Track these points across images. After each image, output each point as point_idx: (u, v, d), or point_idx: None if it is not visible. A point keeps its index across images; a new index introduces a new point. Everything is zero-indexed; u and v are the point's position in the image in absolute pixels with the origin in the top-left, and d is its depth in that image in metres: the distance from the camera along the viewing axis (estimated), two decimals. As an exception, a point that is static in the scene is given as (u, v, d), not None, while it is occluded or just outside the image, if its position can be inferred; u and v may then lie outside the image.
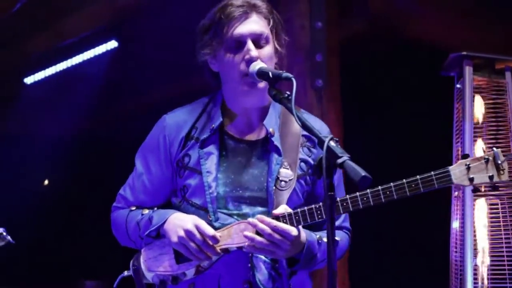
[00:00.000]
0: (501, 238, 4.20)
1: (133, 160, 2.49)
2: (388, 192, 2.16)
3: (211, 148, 2.34)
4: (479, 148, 4.22)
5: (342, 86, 5.00)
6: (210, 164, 2.32)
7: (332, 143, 1.95)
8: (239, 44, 2.28)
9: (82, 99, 6.91)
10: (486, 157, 2.15)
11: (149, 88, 6.84)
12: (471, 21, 5.37)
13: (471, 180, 2.15)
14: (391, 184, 2.17)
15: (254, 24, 2.29)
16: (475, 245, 4.20)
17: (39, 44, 6.67)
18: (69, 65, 6.79)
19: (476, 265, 4.18)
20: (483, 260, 4.23)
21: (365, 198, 2.18)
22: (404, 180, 2.16)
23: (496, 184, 2.18)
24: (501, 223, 4.24)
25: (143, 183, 2.43)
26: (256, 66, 2.25)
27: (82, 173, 7.58)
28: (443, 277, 4.41)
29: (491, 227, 4.27)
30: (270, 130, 2.35)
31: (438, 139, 4.80)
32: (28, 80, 7.23)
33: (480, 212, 4.30)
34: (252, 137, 2.38)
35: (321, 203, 2.21)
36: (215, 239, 2.25)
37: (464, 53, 4.37)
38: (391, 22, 5.30)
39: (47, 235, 7.49)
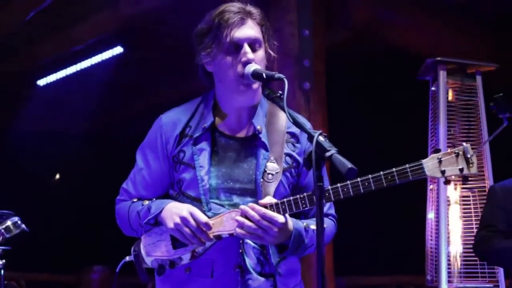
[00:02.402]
0: (472, 227, 4.23)
1: (135, 157, 2.50)
2: (366, 183, 2.14)
3: (203, 145, 2.35)
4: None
5: (328, 89, 5.01)
6: (203, 159, 2.33)
7: (321, 138, 1.95)
8: (236, 47, 2.27)
9: (90, 100, 6.91)
10: (457, 151, 2.12)
11: (152, 90, 6.84)
12: (446, 29, 5.39)
13: (442, 172, 2.13)
14: (369, 176, 2.15)
15: (250, 29, 2.29)
16: (448, 234, 4.23)
17: (50, 50, 6.67)
18: (78, 68, 6.78)
19: (449, 252, 4.21)
20: (456, 248, 4.27)
21: (345, 189, 2.17)
22: (381, 172, 2.14)
23: (466, 176, 2.15)
24: (473, 214, 4.28)
25: (143, 177, 2.43)
26: (251, 68, 2.25)
27: (91, 167, 7.57)
28: (419, 263, 4.43)
29: (464, 217, 4.30)
30: (258, 127, 2.36)
31: (415, 137, 4.81)
32: (41, 82, 7.22)
33: (453, 204, 4.33)
34: (241, 134, 2.39)
35: (305, 194, 2.22)
36: (208, 226, 2.26)
37: (439, 58, 4.39)
38: (372, 30, 5.30)
39: (58, 224, 7.49)
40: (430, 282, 4.31)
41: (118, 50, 6.44)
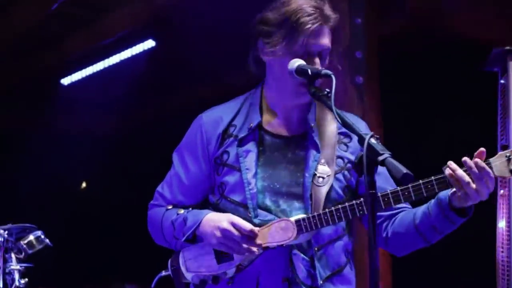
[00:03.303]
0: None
1: (170, 159, 2.62)
2: (429, 186, 2.22)
3: (250, 146, 2.42)
4: None
5: (381, 83, 5.05)
6: (250, 161, 2.40)
7: (373, 140, 1.99)
8: (306, 53, 2.35)
9: (119, 99, 7.04)
10: None
11: (186, 88, 6.94)
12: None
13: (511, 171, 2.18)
14: (432, 178, 2.22)
15: (325, 39, 2.37)
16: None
17: (75, 45, 6.83)
18: (106, 65, 6.92)
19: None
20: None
21: (406, 193, 2.26)
22: (445, 174, 2.21)
23: None
24: None
25: (181, 181, 2.51)
26: (295, 63, 2.33)
27: (121, 174, 7.69)
28: (490, 278, 4.48)
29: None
30: (312, 125, 2.43)
31: (482, 138, 4.83)
32: (65, 81, 7.39)
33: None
34: (288, 132, 2.46)
35: (362, 199, 2.28)
36: (253, 233, 2.31)
37: (508, 47, 4.41)
38: (430, 19, 5.29)
39: (86, 237, 7.65)
40: (501, 302, 4.33)
41: (150, 44, 6.56)
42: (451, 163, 2.22)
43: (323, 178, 2.37)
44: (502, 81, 4.54)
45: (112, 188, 7.75)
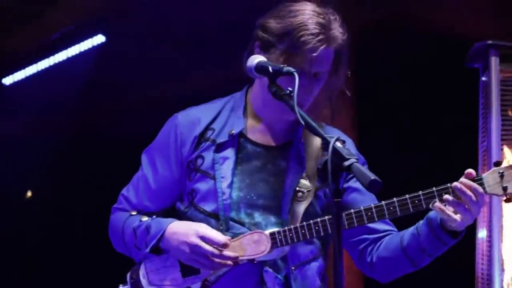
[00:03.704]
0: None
1: (124, 162, 2.55)
2: (416, 201, 2.25)
3: (228, 152, 2.41)
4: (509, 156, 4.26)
5: (356, 80, 5.00)
6: (226, 169, 2.39)
7: (338, 144, 1.98)
8: (301, 72, 2.33)
9: (66, 100, 6.90)
10: None
11: (139, 86, 6.88)
12: (498, 7, 5.37)
13: (504, 189, 2.20)
14: (420, 192, 2.25)
15: (324, 62, 2.37)
16: (502, 256, 4.22)
17: (18, 41, 6.70)
18: (52, 63, 6.81)
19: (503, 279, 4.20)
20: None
21: (391, 208, 2.27)
22: (434, 188, 2.25)
23: None
24: None
25: (148, 185, 2.49)
26: (255, 59, 2.31)
27: (70, 179, 7.60)
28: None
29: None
30: (300, 136, 2.44)
31: (462, 137, 4.82)
32: (7, 80, 7.25)
33: (510, 220, 4.31)
34: (270, 142, 2.46)
35: (343, 214, 2.27)
36: (225, 246, 2.30)
37: (490, 42, 4.39)
38: (411, 8, 5.30)
39: (33, 249, 7.51)
40: (481, 314, 4.32)
41: (100, 39, 6.47)
42: (447, 198, 2.24)
43: (303, 193, 2.38)
44: (483, 78, 4.54)
45: (61, 195, 7.63)
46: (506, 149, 4.31)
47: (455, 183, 2.21)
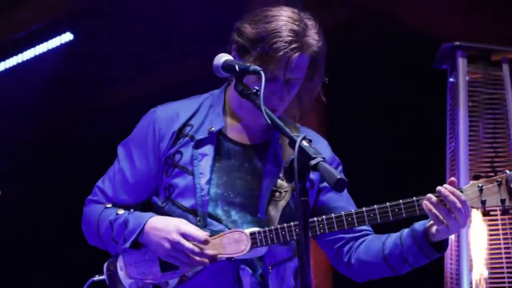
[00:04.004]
0: (500, 247, 4.26)
1: (92, 162, 2.54)
2: (397, 210, 2.28)
3: (206, 149, 2.42)
4: None
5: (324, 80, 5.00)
6: (205, 165, 2.39)
7: (305, 143, 1.97)
8: (274, 78, 2.35)
9: (34, 99, 6.84)
10: (499, 179, 2.25)
11: (109, 85, 6.84)
12: (466, 8, 5.40)
13: (483, 202, 2.25)
14: (400, 201, 2.29)
15: (297, 69, 2.37)
16: (471, 256, 4.25)
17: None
18: (20, 60, 6.72)
19: (471, 278, 4.24)
20: (481, 273, 4.29)
21: (372, 215, 2.31)
22: (414, 198, 2.29)
23: (507, 209, 2.32)
24: (500, 232, 4.31)
25: (125, 177, 2.48)
26: (222, 58, 2.31)
27: (36, 178, 7.55)
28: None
29: (490, 235, 4.33)
30: (277, 137, 2.44)
31: (430, 138, 4.84)
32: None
33: (477, 221, 4.35)
34: (249, 141, 2.48)
35: (323, 217, 2.33)
36: (207, 242, 2.31)
37: (457, 43, 4.42)
38: (378, 9, 5.31)
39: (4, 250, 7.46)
40: (449, 314, 4.35)
41: (68, 37, 6.40)
42: (430, 197, 2.25)
43: (280, 193, 2.40)
44: (451, 79, 4.56)
45: (29, 196, 7.58)
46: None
47: (438, 187, 2.25)
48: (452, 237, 4.38)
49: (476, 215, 4.32)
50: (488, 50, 4.48)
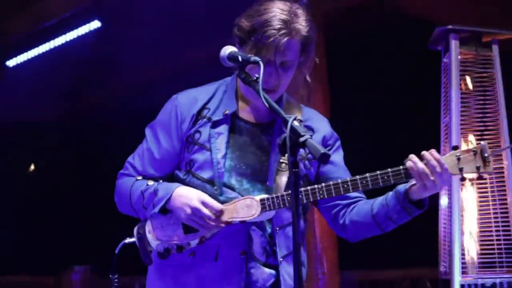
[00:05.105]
0: (490, 213, 4.32)
1: (119, 141, 2.66)
2: (385, 177, 2.41)
3: (222, 129, 2.58)
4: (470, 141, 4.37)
5: (328, 62, 5.09)
6: (220, 142, 2.56)
7: (296, 123, 2.15)
8: (269, 62, 2.49)
9: (66, 81, 6.99)
10: (475, 149, 2.39)
11: (134, 69, 6.92)
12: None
13: (460, 170, 2.39)
14: (389, 170, 2.42)
15: (289, 52, 2.50)
16: (463, 221, 4.32)
17: (20, 26, 6.76)
18: (52, 46, 6.84)
19: (463, 241, 4.29)
20: (471, 237, 4.35)
21: (364, 182, 2.43)
22: (400, 167, 2.41)
23: (481, 175, 2.42)
24: (490, 198, 4.36)
25: (152, 155, 2.65)
26: (227, 50, 2.48)
27: (69, 157, 7.67)
28: (434, 255, 4.55)
29: (480, 202, 4.40)
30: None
31: (426, 112, 4.89)
32: (11, 63, 7.27)
33: (469, 187, 4.42)
34: (258, 120, 2.63)
35: (323, 184, 2.45)
36: (221, 212, 2.48)
37: (450, 26, 4.47)
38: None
39: (35, 222, 7.59)
40: (443, 274, 4.43)
41: (96, 24, 6.50)
42: (412, 156, 2.40)
43: (286, 163, 2.53)
44: (445, 60, 4.62)
45: (61, 175, 7.71)
46: (471, 137, 4.43)
47: (423, 152, 2.39)
48: (445, 204, 4.46)
49: (466, 183, 4.40)
50: (479, 32, 4.50)
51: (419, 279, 6.38)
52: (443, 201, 4.50)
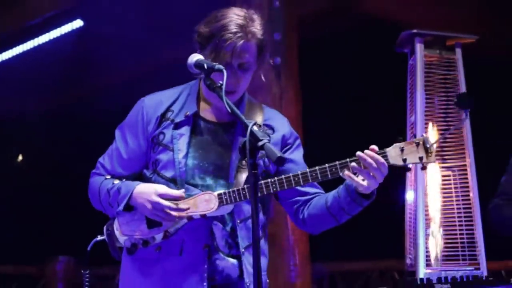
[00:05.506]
0: (453, 207, 4.43)
1: (99, 137, 2.77)
2: (334, 169, 2.51)
3: (184, 130, 2.68)
4: (432, 132, 4.47)
5: (300, 63, 5.17)
6: (182, 143, 2.66)
7: (255, 128, 2.28)
8: (228, 66, 2.59)
9: (50, 78, 7.00)
10: (417, 141, 2.48)
11: (114, 66, 6.95)
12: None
13: (404, 160, 2.48)
14: (336, 162, 2.51)
15: (246, 54, 2.60)
16: (428, 215, 4.43)
17: (3, 24, 6.77)
18: (36, 44, 6.89)
19: (427, 234, 4.40)
20: (436, 230, 4.46)
21: (314, 174, 2.53)
22: (347, 159, 2.50)
23: (424, 166, 2.50)
24: (453, 194, 4.46)
25: (120, 155, 2.75)
26: (194, 57, 2.59)
27: (53, 150, 7.69)
28: (402, 247, 4.62)
29: (444, 197, 4.51)
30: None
31: (393, 111, 4.99)
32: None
33: (434, 183, 4.52)
34: (219, 120, 2.72)
35: (275, 178, 2.56)
36: (181, 196, 2.59)
37: (415, 31, 4.55)
38: (347, 1, 5.41)
39: (19, 212, 7.61)
40: (409, 266, 4.49)
41: (78, 23, 6.60)
42: (347, 172, 2.49)
43: (246, 161, 2.58)
44: (411, 62, 4.72)
45: (45, 167, 7.72)
46: (430, 125, 4.53)
47: (358, 152, 2.49)
48: (411, 198, 4.55)
49: (430, 178, 4.49)
50: (443, 36, 4.57)
51: (387, 270, 6.50)
52: (409, 196, 4.59)
